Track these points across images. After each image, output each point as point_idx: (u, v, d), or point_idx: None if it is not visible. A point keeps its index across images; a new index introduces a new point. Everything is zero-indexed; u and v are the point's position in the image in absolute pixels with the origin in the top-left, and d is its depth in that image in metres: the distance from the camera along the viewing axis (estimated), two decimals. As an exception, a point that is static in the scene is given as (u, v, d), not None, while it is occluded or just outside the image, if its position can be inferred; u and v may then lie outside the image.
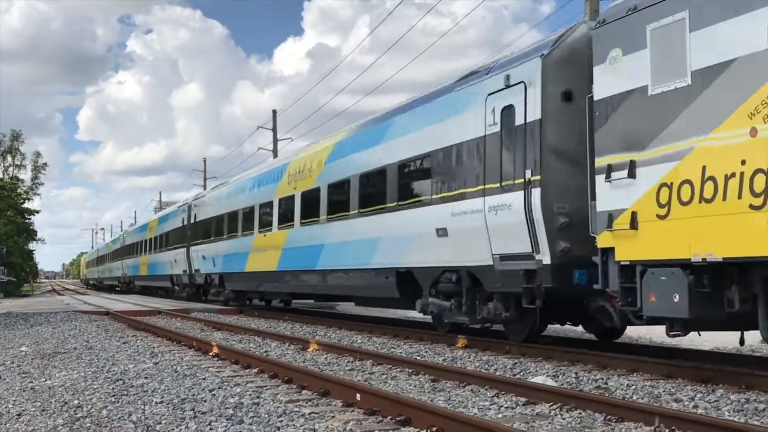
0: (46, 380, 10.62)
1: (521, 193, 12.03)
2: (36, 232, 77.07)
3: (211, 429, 7.08)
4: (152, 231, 44.36)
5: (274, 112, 49.37)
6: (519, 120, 12.23)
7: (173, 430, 7.09)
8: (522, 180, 12.03)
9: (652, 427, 6.78)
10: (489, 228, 12.71)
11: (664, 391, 8.91)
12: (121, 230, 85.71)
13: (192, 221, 33.21)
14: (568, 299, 12.19)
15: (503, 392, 8.82)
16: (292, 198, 21.73)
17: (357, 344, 15.04)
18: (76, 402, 8.71)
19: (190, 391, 9.22)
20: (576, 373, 10.45)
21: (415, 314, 16.97)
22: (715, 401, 8.24)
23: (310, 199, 20.31)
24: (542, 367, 11.15)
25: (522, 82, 12.21)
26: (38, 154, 75.67)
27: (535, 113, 11.94)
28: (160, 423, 7.39)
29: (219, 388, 9.48)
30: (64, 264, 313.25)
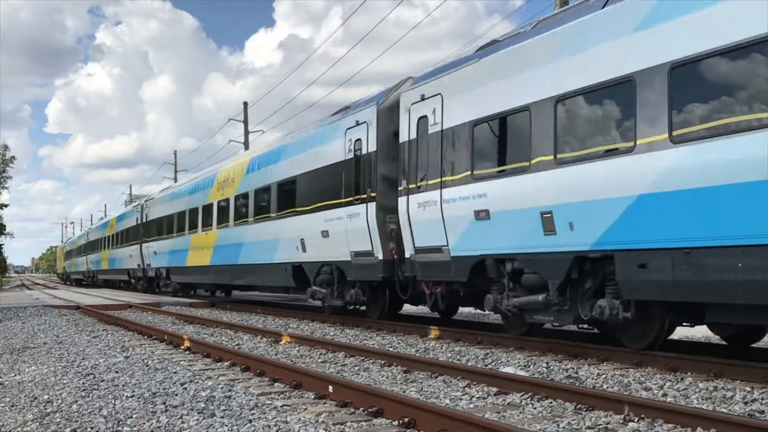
0: (15, 375, 10.51)
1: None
2: (4, 226, 76.03)
3: (182, 422, 7.05)
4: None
5: (245, 104, 49.14)
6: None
7: (144, 424, 7.05)
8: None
9: (622, 416, 6.85)
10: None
11: (633, 380, 9.00)
12: (91, 224, 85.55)
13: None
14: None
15: (475, 382, 8.87)
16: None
17: (329, 336, 15.04)
18: (46, 397, 8.63)
19: (161, 385, 9.18)
20: (547, 363, 10.53)
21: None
22: (684, 389, 8.34)
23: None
24: (514, 357, 11.21)
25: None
26: (6, 147, 74.43)
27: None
28: (131, 417, 7.35)
29: (190, 381, 9.44)
30: (33, 258, 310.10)
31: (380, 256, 15.47)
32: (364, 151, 16.16)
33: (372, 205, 15.63)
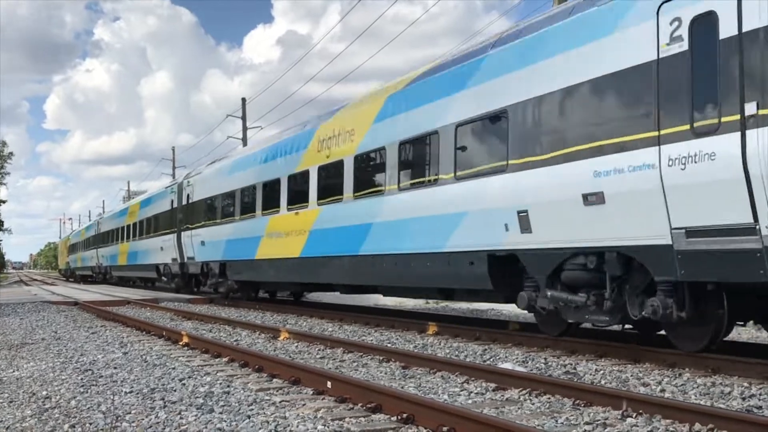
0: (13, 371, 10.52)
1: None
2: (2, 222, 76.06)
3: (181, 418, 7.06)
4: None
5: (243, 100, 49.12)
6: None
7: (143, 419, 7.05)
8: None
9: (620, 411, 6.86)
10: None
11: (631, 376, 9.01)
12: (90, 219, 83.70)
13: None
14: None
15: (473, 378, 8.88)
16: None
17: (328, 332, 15.05)
18: (44, 393, 8.64)
19: (159, 381, 9.18)
20: (545, 359, 10.54)
21: (385, 301, 17.09)
22: (682, 385, 8.35)
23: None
24: (512, 353, 11.22)
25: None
26: (4, 144, 74.61)
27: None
28: (130, 413, 7.35)
29: (189, 377, 9.45)
30: (31, 254, 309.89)
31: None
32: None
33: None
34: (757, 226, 8.07)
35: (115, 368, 10.38)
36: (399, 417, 6.69)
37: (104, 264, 50.92)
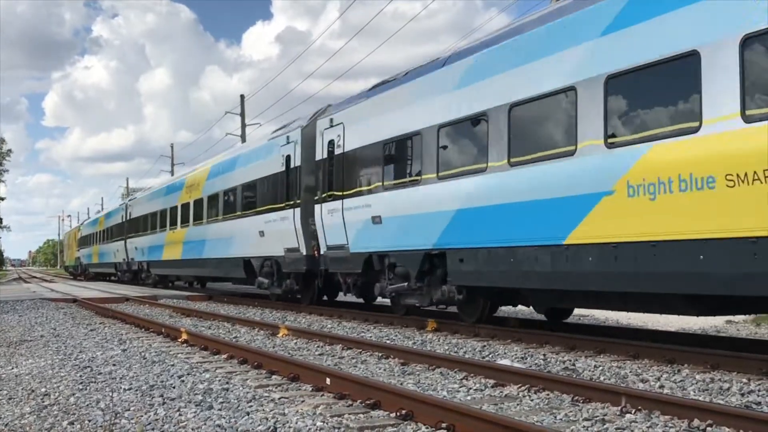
0: (12, 368, 10.51)
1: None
2: (1, 219, 76.10)
3: (180, 415, 7.05)
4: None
5: (242, 97, 49.16)
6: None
7: (142, 416, 7.05)
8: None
9: (619, 407, 6.86)
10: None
11: (630, 372, 9.02)
12: (88, 217, 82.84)
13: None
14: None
15: (472, 375, 8.88)
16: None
17: (327, 329, 15.05)
18: (43, 390, 8.63)
19: (158, 378, 9.18)
20: (544, 355, 10.55)
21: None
22: (681, 381, 8.36)
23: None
24: (511, 350, 11.23)
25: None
26: (2, 141, 74.62)
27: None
28: (129, 410, 7.35)
29: (188, 374, 9.44)
30: (30, 252, 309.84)
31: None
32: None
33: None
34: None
35: (114, 365, 10.37)
36: (398, 413, 6.70)
37: (139, 259, 38.99)
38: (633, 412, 6.72)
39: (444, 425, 6.18)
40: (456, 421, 6.13)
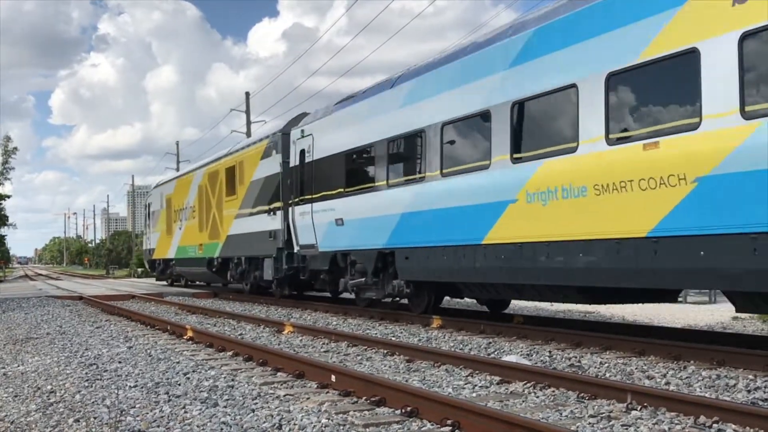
0: (18, 366, 10.53)
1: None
2: (7, 217, 76.12)
3: (185, 412, 7.06)
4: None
5: (247, 94, 49.15)
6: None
7: (147, 413, 7.05)
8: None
9: (625, 404, 6.84)
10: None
11: (636, 369, 9.00)
12: (94, 215, 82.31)
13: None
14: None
15: (477, 371, 8.87)
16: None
17: (332, 326, 15.05)
18: (49, 387, 8.65)
19: (164, 375, 9.19)
20: (550, 352, 10.53)
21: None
22: (687, 378, 8.34)
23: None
24: (516, 346, 11.21)
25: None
26: (8, 138, 74.57)
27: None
28: (134, 407, 7.36)
29: (193, 371, 9.45)
30: (36, 249, 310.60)
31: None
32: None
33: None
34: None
35: (119, 362, 10.38)
36: (403, 410, 6.69)
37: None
38: (639, 408, 6.70)
39: (449, 422, 6.17)
40: (461, 418, 6.12)
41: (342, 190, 17.16)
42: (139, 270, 71.79)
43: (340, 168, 17.36)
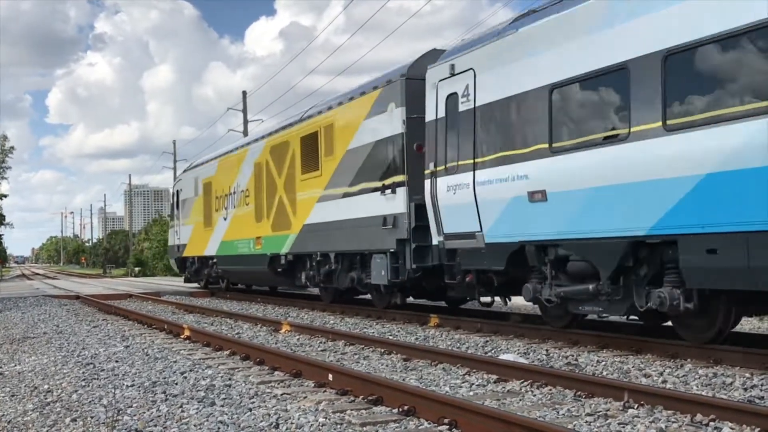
0: (15, 365, 10.52)
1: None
2: (4, 216, 76.00)
3: (182, 411, 7.06)
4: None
5: (244, 93, 49.12)
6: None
7: (144, 413, 7.05)
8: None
9: (622, 402, 6.85)
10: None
11: (633, 367, 9.00)
12: (91, 215, 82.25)
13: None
14: None
15: (474, 370, 8.87)
16: None
17: (329, 325, 15.05)
18: (46, 387, 8.64)
19: (161, 374, 9.18)
20: (547, 350, 10.54)
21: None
22: (684, 376, 8.34)
23: None
24: (513, 345, 11.22)
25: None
26: (4, 138, 74.51)
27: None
28: (131, 406, 7.36)
29: (190, 370, 9.45)
30: (33, 248, 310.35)
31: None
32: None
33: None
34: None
35: (116, 362, 10.38)
36: (400, 409, 6.69)
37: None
38: (636, 407, 6.71)
39: (446, 421, 6.17)
40: (458, 417, 6.13)
41: (545, 146, 10.91)
42: (136, 269, 71.82)
43: (540, 112, 11.06)
